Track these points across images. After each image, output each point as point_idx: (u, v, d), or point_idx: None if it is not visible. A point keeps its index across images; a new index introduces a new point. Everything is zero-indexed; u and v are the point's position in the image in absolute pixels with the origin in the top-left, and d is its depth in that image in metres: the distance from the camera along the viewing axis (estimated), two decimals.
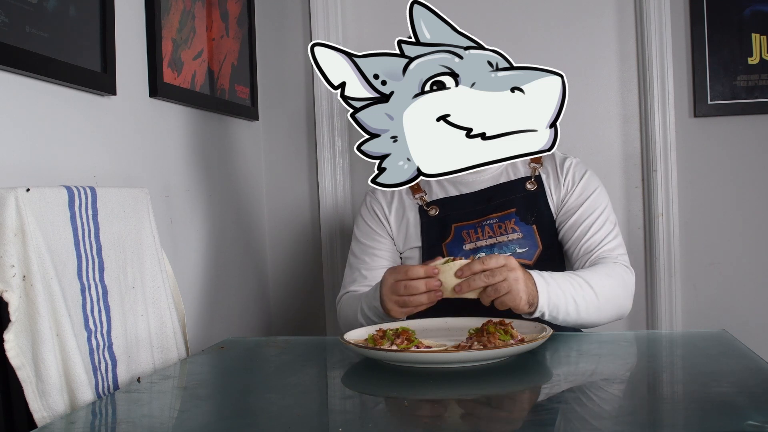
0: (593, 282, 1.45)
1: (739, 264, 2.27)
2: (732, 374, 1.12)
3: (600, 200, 1.62)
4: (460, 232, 1.62)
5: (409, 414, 1.03)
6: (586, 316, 1.43)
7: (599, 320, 1.47)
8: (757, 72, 2.22)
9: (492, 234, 1.60)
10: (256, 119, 2.34)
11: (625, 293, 1.52)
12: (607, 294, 1.46)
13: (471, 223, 1.62)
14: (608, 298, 1.46)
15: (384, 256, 1.69)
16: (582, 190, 1.63)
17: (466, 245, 1.61)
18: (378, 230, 1.70)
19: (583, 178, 1.64)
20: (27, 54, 1.25)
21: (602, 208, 1.61)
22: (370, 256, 1.69)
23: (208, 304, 1.96)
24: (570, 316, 1.41)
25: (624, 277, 1.53)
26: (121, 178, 1.56)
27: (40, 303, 1.09)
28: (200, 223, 1.93)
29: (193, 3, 1.88)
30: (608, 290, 1.47)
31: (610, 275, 1.50)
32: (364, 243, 1.71)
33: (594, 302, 1.43)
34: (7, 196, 1.09)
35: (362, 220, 1.74)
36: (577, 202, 1.62)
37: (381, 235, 1.70)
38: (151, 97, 1.69)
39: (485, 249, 1.59)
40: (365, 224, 1.72)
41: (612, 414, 0.98)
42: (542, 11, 2.33)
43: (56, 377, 1.10)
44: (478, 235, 1.61)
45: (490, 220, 1.61)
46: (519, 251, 1.59)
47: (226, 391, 1.16)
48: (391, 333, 1.25)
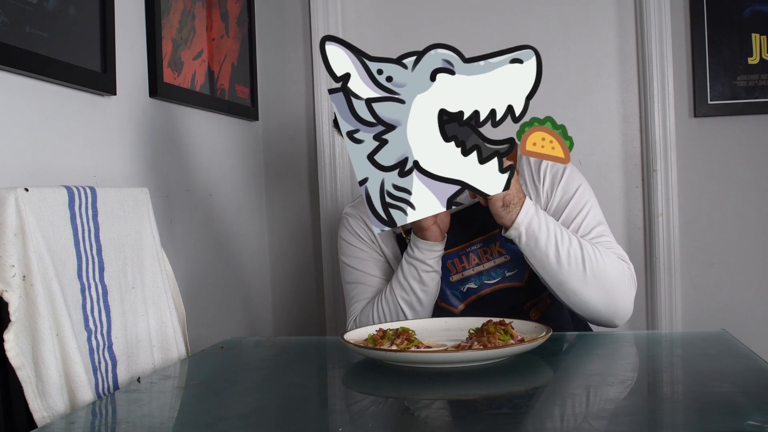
0: (587, 249, 1.41)
1: (739, 264, 2.27)
2: (732, 374, 1.12)
3: (584, 198, 1.54)
4: (445, 262, 1.55)
5: (409, 414, 1.03)
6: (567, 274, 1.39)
7: (583, 291, 1.42)
8: (757, 72, 2.22)
9: (478, 261, 1.55)
10: (256, 119, 2.34)
11: (620, 280, 1.45)
12: (598, 269, 1.41)
13: (455, 250, 1.56)
14: (598, 273, 1.41)
15: (381, 275, 1.63)
16: (564, 190, 1.55)
17: (452, 276, 1.56)
18: (365, 249, 1.64)
19: (563, 177, 1.56)
20: (27, 54, 1.25)
21: (588, 207, 1.54)
22: (367, 278, 1.63)
23: (208, 304, 1.96)
24: (548, 261, 1.39)
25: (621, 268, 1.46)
26: (121, 178, 1.56)
27: (40, 303, 1.09)
28: (200, 223, 1.93)
29: (193, 3, 1.88)
30: (600, 266, 1.41)
31: (612, 260, 1.44)
32: (356, 268, 1.65)
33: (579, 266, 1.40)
34: (7, 196, 1.09)
35: (345, 243, 1.67)
36: (561, 203, 1.54)
37: (370, 254, 1.64)
38: (151, 97, 1.69)
39: (473, 278, 1.54)
40: (350, 246, 1.66)
41: (612, 414, 0.98)
42: (542, 11, 2.33)
43: (56, 377, 1.10)
44: (463, 264, 1.55)
45: (474, 245, 1.55)
46: (508, 274, 1.54)
47: (225, 391, 1.16)
48: (391, 333, 1.25)
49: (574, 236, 1.44)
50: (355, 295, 1.65)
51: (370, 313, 1.58)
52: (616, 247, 1.52)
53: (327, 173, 2.39)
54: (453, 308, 1.55)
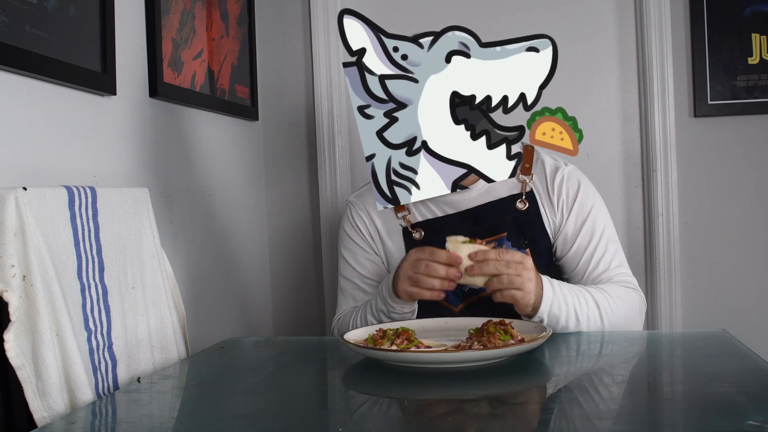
0: (602, 303, 1.42)
1: (739, 264, 2.27)
2: (732, 374, 1.12)
3: (598, 220, 1.55)
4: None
5: (409, 414, 1.03)
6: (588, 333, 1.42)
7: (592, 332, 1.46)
8: (757, 72, 2.22)
9: None
10: (256, 119, 2.34)
11: (633, 320, 1.48)
12: (614, 318, 1.43)
13: None
14: (614, 322, 1.43)
15: (375, 277, 1.65)
16: (578, 211, 1.54)
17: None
18: (364, 246, 1.65)
19: (577, 196, 1.55)
20: (27, 54, 1.25)
21: (602, 229, 1.54)
22: (360, 278, 1.65)
23: (208, 304, 1.96)
24: (569, 329, 1.41)
25: (636, 305, 1.49)
26: (121, 178, 1.56)
27: (40, 303, 1.09)
28: (200, 223, 1.93)
29: (193, 3, 1.88)
30: (615, 315, 1.43)
31: (623, 299, 1.46)
32: (353, 266, 1.66)
33: (597, 324, 1.42)
34: (7, 196, 1.09)
35: (346, 236, 1.68)
36: (575, 227, 1.54)
37: (368, 252, 1.65)
38: (151, 97, 1.69)
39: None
40: (350, 240, 1.67)
41: (612, 414, 0.98)
42: (542, 11, 2.33)
43: (56, 377, 1.10)
44: None
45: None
46: None
47: (226, 391, 1.16)
48: (391, 333, 1.25)
49: (589, 294, 1.43)
50: (345, 289, 1.67)
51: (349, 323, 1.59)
52: (628, 276, 1.54)
53: (327, 173, 2.39)
54: (453, 307, 1.55)
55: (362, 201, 1.68)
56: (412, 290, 1.36)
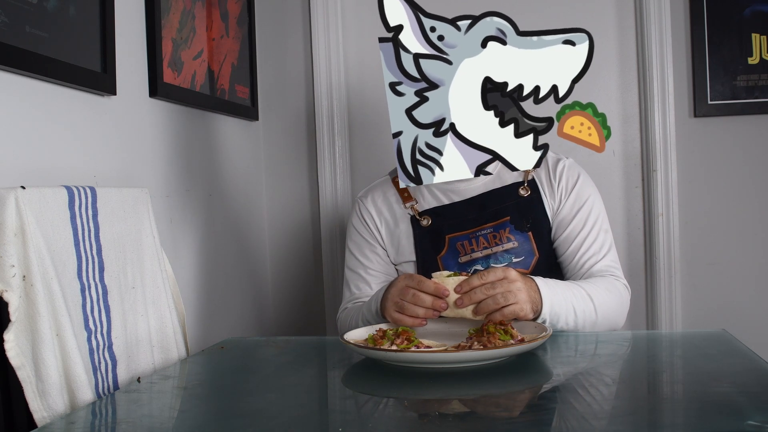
0: (594, 296, 1.45)
1: (739, 264, 2.27)
2: (732, 374, 1.12)
3: (594, 209, 1.59)
4: (455, 243, 1.58)
5: (409, 414, 1.03)
6: (582, 329, 1.45)
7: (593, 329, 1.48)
8: (757, 72, 2.22)
9: (487, 244, 1.57)
10: (256, 119, 2.34)
11: (621, 311, 1.53)
12: (606, 310, 1.47)
13: (465, 233, 1.58)
14: (606, 314, 1.47)
15: (379, 269, 1.67)
16: (575, 198, 1.59)
17: (461, 257, 1.58)
18: (370, 240, 1.68)
19: (576, 184, 1.60)
20: (27, 54, 1.25)
21: (595, 218, 1.58)
22: (364, 269, 1.67)
23: (208, 304, 1.96)
24: (568, 326, 1.43)
25: (623, 295, 1.53)
26: (121, 178, 1.56)
27: (40, 303, 1.09)
28: (200, 223, 1.93)
29: (193, 3, 1.88)
30: (607, 307, 1.47)
31: (611, 291, 1.50)
32: (358, 258, 1.69)
33: (592, 317, 1.44)
34: (7, 196, 1.09)
35: (354, 230, 1.71)
36: (571, 212, 1.58)
37: (373, 246, 1.67)
38: (151, 97, 1.69)
39: (480, 260, 1.57)
40: (357, 234, 1.70)
41: (612, 414, 0.98)
42: (542, 11, 2.33)
43: (56, 377, 1.10)
44: (472, 246, 1.58)
45: (485, 230, 1.58)
46: (515, 261, 1.56)
47: (226, 391, 1.16)
48: (391, 333, 1.25)
49: (584, 290, 1.45)
50: (350, 282, 1.69)
51: (342, 319, 1.64)
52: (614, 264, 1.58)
53: (327, 173, 2.39)
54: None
55: (370, 196, 1.71)
56: (396, 316, 1.37)
